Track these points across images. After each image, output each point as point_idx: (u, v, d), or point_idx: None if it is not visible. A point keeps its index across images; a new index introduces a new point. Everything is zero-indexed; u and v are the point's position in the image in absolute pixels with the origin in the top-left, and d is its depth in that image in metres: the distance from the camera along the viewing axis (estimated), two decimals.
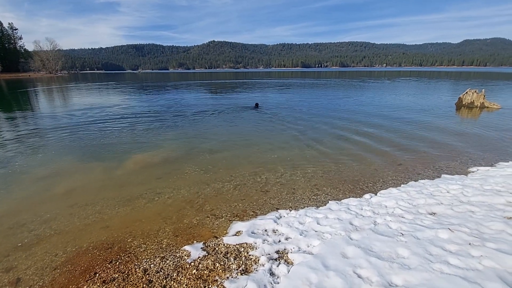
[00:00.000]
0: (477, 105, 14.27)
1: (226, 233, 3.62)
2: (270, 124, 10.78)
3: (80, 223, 3.99)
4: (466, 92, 14.86)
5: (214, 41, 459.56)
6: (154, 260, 3.12)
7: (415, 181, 5.15)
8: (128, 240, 3.55)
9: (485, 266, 2.58)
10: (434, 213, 3.79)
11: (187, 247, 3.28)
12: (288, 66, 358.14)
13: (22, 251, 3.40)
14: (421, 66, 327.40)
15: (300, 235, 3.36)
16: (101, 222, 3.99)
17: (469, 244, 2.94)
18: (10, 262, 3.22)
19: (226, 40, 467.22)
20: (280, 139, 8.35)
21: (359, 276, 2.57)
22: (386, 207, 4.04)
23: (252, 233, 3.49)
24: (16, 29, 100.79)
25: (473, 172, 5.60)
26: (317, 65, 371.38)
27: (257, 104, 15.00)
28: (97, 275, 2.96)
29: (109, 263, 3.13)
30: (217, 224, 3.87)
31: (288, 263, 2.91)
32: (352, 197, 4.55)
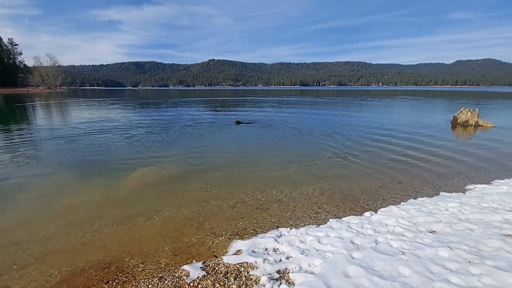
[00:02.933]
0: (472, 123, 14.57)
1: (226, 252, 3.58)
2: (270, 141, 10.88)
3: (77, 242, 3.92)
4: (461, 111, 15.22)
5: (214, 59, 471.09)
6: (152, 280, 3.06)
7: (414, 199, 5.18)
8: (126, 260, 3.49)
9: (484, 284, 2.58)
10: (434, 231, 3.79)
11: (186, 267, 3.23)
12: (287, 84, 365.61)
13: (16, 271, 3.31)
14: (416, 85, 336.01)
15: (301, 254, 3.33)
16: (98, 241, 3.92)
17: (469, 262, 2.94)
18: (3, 282, 3.14)
19: (226, 59, 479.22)
20: (279, 157, 8.40)
21: None
22: (386, 225, 4.04)
23: (252, 252, 3.46)
24: (16, 45, 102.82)
25: (470, 189, 5.66)
26: (315, 84, 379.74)
27: (238, 122, 15.33)
28: None
29: (105, 284, 3.06)
30: (217, 242, 3.83)
31: (289, 283, 2.87)
32: (353, 215, 4.55)
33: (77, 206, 5.05)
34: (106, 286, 3.02)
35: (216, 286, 2.89)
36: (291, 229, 4.08)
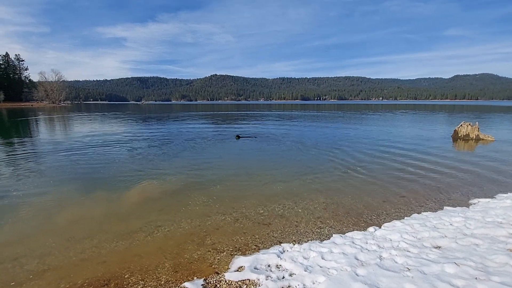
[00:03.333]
0: (473, 137, 14.59)
1: (228, 268, 3.51)
2: (272, 155, 10.90)
3: (76, 257, 3.86)
4: (461, 125, 15.28)
5: (216, 74, 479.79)
6: None
7: (418, 213, 5.12)
8: (126, 276, 3.42)
9: None
10: (439, 247, 3.73)
11: (187, 284, 3.17)
12: (288, 99, 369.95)
13: None
14: (416, 99, 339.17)
15: (305, 271, 3.27)
16: (98, 257, 3.87)
17: (476, 278, 2.88)
18: None
19: (228, 74, 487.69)
20: (282, 171, 8.39)
21: None
22: (391, 240, 3.98)
23: (255, 268, 3.39)
24: (23, 61, 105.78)
25: (474, 204, 5.60)
26: (316, 98, 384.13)
27: (238, 136, 15.12)
28: None
29: None
30: (218, 259, 3.77)
31: None
32: (356, 230, 4.49)
33: (77, 221, 5.02)
34: None
35: None
36: (294, 244, 4.02)
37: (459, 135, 15.10)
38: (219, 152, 11.55)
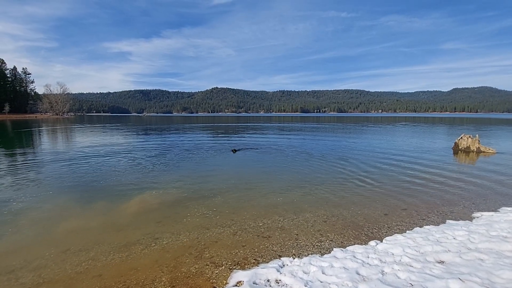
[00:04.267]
0: (473, 149, 14.55)
1: (227, 283, 3.42)
2: (271, 166, 10.86)
3: (72, 270, 3.78)
4: (461, 137, 15.28)
5: (217, 87, 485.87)
6: None
7: (420, 227, 5.02)
8: None
9: None
10: (443, 262, 3.64)
11: None
12: (288, 111, 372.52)
13: None
14: (415, 112, 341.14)
15: (305, 286, 3.18)
16: (94, 270, 3.78)
17: None
18: None
19: (229, 87, 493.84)
20: (281, 183, 8.34)
21: None
22: (393, 254, 3.89)
23: (253, 283, 3.30)
24: (29, 74, 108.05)
25: (477, 217, 5.50)
26: (315, 111, 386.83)
27: (234, 150, 14.68)
28: None
29: None
30: (216, 273, 3.68)
31: None
32: (357, 243, 4.39)
33: (75, 232, 4.95)
34: None
35: None
36: (294, 258, 3.93)
37: (460, 147, 15.07)
38: (219, 164, 11.53)
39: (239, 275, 3.51)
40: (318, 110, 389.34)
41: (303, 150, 15.38)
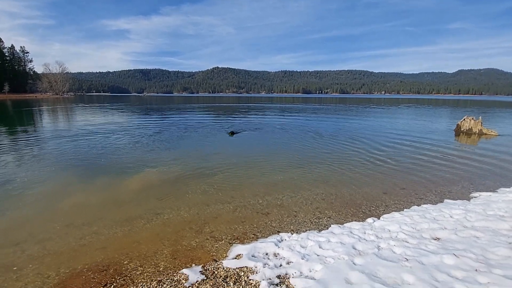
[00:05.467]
0: (475, 131, 14.44)
1: (226, 256, 3.52)
2: (272, 146, 10.86)
3: (76, 243, 3.89)
4: (464, 119, 15.12)
5: (218, 67, 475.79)
6: (150, 284, 3.00)
7: (418, 205, 5.09)
8: (125, 263, 3.44)
9: None
10: (438, 238, 3.71)
11: (185, 271, 3.17)
12: (289, 92, 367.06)
13: (13, 272, 3.28)
14: (418, 93, 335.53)
15: (302, 259, 3.27)
16: (97, 243, 3.89)
17: (476, 270, 2.86)
18: (1, 284, 3.10)
19: (230, 67, 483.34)
20: (282, 162, 8.37)
21: None
22: (389, 231, 3.96)
23: (252, 256, 3.39)
24: (27, 53, 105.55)
25: (475, 197, 5.55)
26: (318, 92, 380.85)
27: (232, 133, 13.85)
28: None
29: (103, 286, 3.02)
30: (216, 246, 3.78)
31: None
32: (355, 221, 4.47)
33: (77, 207, 5.05)
34: None
35: None
36: (292, 234, 4.01)
37: (462, 129, 14.95)
38: (220, 143, 11.53)
39: (238, 248, 3.61)
40: (320, 91, 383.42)
41: (304, 130, 15.30)
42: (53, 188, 6.04)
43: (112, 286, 3.02)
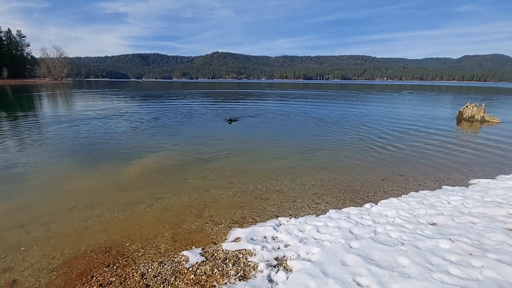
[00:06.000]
0: (478, 119, 14.34)
1: (225, 239, 3.60)
2: (272, 132, 10.85)
3: (79, 226, 3.98)
4: (466, 106, 14.96)
5: (217, 52, 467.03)
6: (152, 265, 3.09)
7: (416, 191, 5.13)
8: (127, 244, 3.53)
9: (486, 276, 2.55)
10: (435, 224, 3.77)
11: (185, 252, 3.26)
12: (290, 78, 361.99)
13: (20, 253, 3.38)
14: (421, 80, 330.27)
15: (300, 242, 3.34)
16: (100, 226, 3.98)
17: (470, 254, 2.92)
18: (7, 263, 3.20)
19: (230, 51, 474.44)
20: (281, 148, 8.38)
21: (359, 284, 2.54)
22: (386, 216, 4.02)
23: (251, 239, 3.47)
24: (24, 37, 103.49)
25: (473, 184, 5.59)
26: (319, 77, 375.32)
27: (230, 120, 13.37)
28: (94, 278, 2.94)
29: (106, 267, 3.11)
30: (216, 230, 3.86)
31: (287, 270, 2.88)
32: (353, 206, 4.53)
33: (80, 191, 5.14)
34: (107, 269, 3.07)
35: (215, 271, 2.91)
36: (290, 218, 4.08)
37: (464, 116, 14.83)
38: (220, 129, 11.52)
39: (237, 232, 3.68)
40: (321, 77, 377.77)
41: (304, 117, 15.21)
42: (55, 173, 6.12)
43: (115, 266, 3.12)
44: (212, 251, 3.30)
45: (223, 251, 3.29)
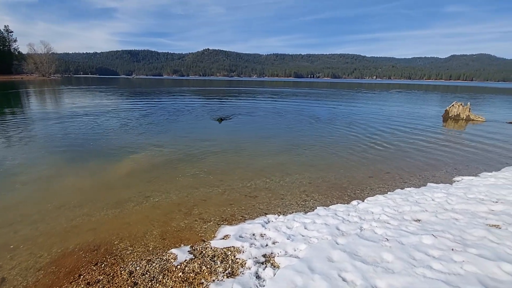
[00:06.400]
0: (463, 117, 14.76)
1: (214, 236, 3.62)
2: (262, 130, 10.88)
3: (67, 224, 3.93)
4: (452, 105, 15.37)
5: (208, 49, 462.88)
6: (140, 263, 3.09)
7: (401, 189, 5.27)
8: (115, 243, 3.51)
9: (466, 271, 2.65)
10: (419, 220, 3.88)
11: (174, 250, 3.27)
12: (281, 76, 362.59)
13: (7, 251, 3.34)
14: (410, 79, 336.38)
15: (287, 239, 3.39)
16: (88, 224, 3.94)
17: (452, 249, 3.03)
18: None
19: (221, 49, 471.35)
20: (271, 146, 8.42)
21: (344, 280, 2.61)
22: (372, 213, 4.12)
23: (239, 237, 3.50)
24: (11, 32, 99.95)
25: (457, 181, 5.77)
26: (309, 76, 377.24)
27: (220, 119, 13.09)
28: (82, 276, 2.92)
29: (94, 265, 3.09)
30: (205, 228, 3.87)
31: (274, 266, 2.93)
32: (340, 203, 4.62)
33: (68, 190, 5.06)
34: (94, 268, 3.05)
35: (203, 268, 2.93)
36: (278, 215, 4.14)
37: (450, 115, 15.24)
38: (210, 127, 11.47)
39: (226, 229, 3.71)
40: (312, 75, 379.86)
41: (296, 115, 15.30)
42: (43, 171, 5.99)
43: (103, 264, 3.10)
44: (200, 248, 3.32)
45: (211, 248, 3.31)
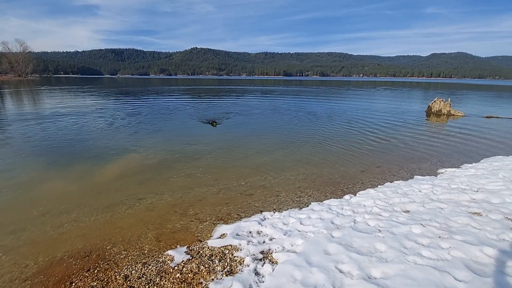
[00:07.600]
0: (444, 112, 15.36)
1: (211, 236, 3.60)
2: (256, 129, 10.90)
3: (54, 232, 3.77)
4: (434, 101, 15.96)
5: (196, 47, 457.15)
6: (135, 266, 3.03)
7: (391, 182, 5.44)
8: (107, 248, 3.42)
9: (453, 256, 2.80)
10: (408, 211, 4.03)
11: (170, 252, 3.22)
12: (270, 74, 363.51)
13: None
14: (394, 76, 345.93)
15: (284, 235, 3.43)
16: (77, 230, 3.80)
17: (439, 237, 3.17)
18: None
19: (210, 47, 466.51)
20: (265, 144, 8.46)
21: (341, 271, 2.67)
22: (364, 206, 4.23)
23: (236, 235, 3.51)
24: None
25: (441, 173, 6.02)
26: (298, 74, 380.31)
27: (214, 123, 11.96)
28: (73, 284, 2.82)
29: (86, 272, 3.00)
30: (201, 228, 3.84)
31: (272, 262, 2.95)
32: (333, 198, 4.71)
33: (54, 195, 4.85)
34: (87, 274, 2.96)
35: (201, 268, 2.91)
36: (274, 212, 4.17)
37: (432, 110, 15.82)
38: (203, 126, 11.36)
39: (222, 228, 3.70)
40: (301, 74, 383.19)
41: (287, 113, 15.42)
42: (25, 176, 5.70)
43: (96, 270, 3.02)
44: (197, 248, 3.30)
45: (208, 248, 3.29)
